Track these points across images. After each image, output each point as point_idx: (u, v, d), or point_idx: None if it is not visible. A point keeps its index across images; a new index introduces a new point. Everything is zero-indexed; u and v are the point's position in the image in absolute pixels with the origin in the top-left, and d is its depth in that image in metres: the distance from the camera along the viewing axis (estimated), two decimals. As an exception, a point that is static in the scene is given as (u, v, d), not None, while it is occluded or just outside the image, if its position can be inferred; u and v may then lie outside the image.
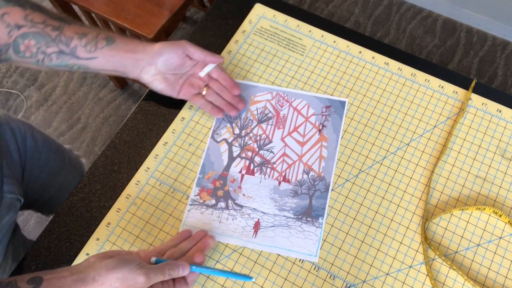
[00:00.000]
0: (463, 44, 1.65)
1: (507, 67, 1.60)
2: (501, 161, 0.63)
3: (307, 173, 0.63)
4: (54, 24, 0.57)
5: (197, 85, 0.66)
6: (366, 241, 0.59)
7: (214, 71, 0.66)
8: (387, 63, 0.70)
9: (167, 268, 0.50)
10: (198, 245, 0.56)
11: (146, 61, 0.61)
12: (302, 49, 0.72)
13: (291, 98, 0.68)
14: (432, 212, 0.60)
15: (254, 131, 0.66)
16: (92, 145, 1.54)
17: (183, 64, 0.63)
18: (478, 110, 0.66)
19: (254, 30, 0.74)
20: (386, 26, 1.70)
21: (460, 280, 0.56)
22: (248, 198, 0.62)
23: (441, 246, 0.58)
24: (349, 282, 0.56)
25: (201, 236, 0.58)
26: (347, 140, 0.65)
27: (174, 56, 0.62)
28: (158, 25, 1.18)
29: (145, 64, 0.61)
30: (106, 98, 1.61)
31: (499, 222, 0.59)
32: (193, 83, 0.66)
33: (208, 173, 0.63)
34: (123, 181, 0.64)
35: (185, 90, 0.65)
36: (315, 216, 0.60)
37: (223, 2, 0.78)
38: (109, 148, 0.66)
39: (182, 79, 0.65)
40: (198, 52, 0.63)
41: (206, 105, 0.66)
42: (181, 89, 0.65)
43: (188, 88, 0.65)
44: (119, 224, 0.60)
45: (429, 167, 0.63)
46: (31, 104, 1.61)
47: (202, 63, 0.65)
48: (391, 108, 0.67)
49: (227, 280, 0.57)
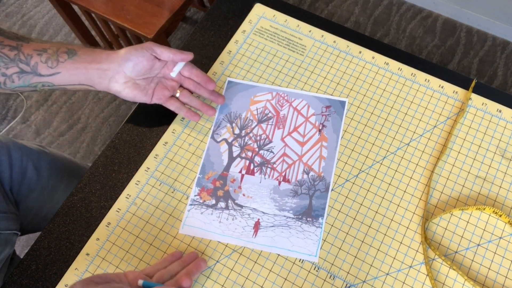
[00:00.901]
0: (463, 44, 1.65)
1: (507, 67, 1.60)
2: (501, 161, 0.63)
3: (307, 173, 0.63)
4: (12, 44, 0.56)
5: (170, 87, 0.63)
6: (366, 241, 0.59)
7: (185, 69, 0.63)
8: (387, 63, 0.70)
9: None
10: (188, 267, 0.54)
11: (113, 70, 0.58)
12: (302, 49, 0.72)
13: (291, 98, 0.68)
14: (432, 212, 0.60)
15: (254, 131, 0.66)
16: (92, 145, 1.54)
17: (152, 67, 0.61)
18: (478, 110, 0.66)
19: (254, 30, 0.74)
20: (386, 26, 1.70)
21: (460, 280, 0.56)
22: (248, 198, 0.62)
23: (441, 246, 0.58)
24: (349, 282, 0.56)
25: (192, 258, 0.56)
26: (347, 140, 0.65)
27: (142, 60, 0.59)
28: (158, 25, 1.18)
29: (112, 73, 0.58)
30: (106, 98, 1.61)
31: (499, 222, 0.59)
32: (166, 85, 0.63)
33: (208, 173, 0.63)
34: (123, 181, 0.64)
35: (158, 94, 0.62)
36: (315, 216, 0.60)
37: (223, 2, 0.78)
38: (109, 148, 0.66)
39: (153, 83, 0.62)
40: (165, 52, 0.60)
41: (180, 108, 0.64)
42: (154, 94, 0.62)
43: (161, 91, 0.63)
44: (119, 224, 0.60)
45: (429, 167, 0.63)
46: (31, 104, 1.61)
47: (172, 63, 0.63)
48: (391, 108, 0.67)
49: (227, 280, 0.57)
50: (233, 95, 0.69)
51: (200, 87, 0.64)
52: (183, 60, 0.62)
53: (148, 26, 1.18)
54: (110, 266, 0.58)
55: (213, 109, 0.65)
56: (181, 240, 0.59)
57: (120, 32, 1.30)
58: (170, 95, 0.64)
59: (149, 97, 0.62)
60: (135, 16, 1.19)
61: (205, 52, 0.73)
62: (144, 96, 0.62)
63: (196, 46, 0.74)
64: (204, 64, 0.72)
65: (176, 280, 0.51)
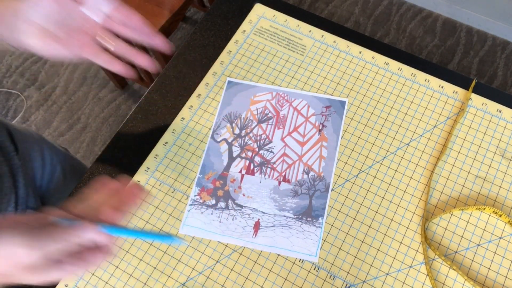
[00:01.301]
0: (463, 44, 1.65)
1: (507, 67, 1.60)
2: (501, 161, 0.63)
3: (307, 173, 0.63)
4: None
5: (90, 31, 0.47)
6: (366, 241, 0.59)
7: (113, 12, 0.48)
8: (387, 63, 0.70)
9: (62, 232, 0.36)
10: (119, 197, 0.42)
11: (11, 15, 0.44)
12: (302, 49, 0.72)
13: (291, 98, 0.68)
14: (432, 212, 0.60)
15: (254, 131, 0.66)
16: (92, 145, 1.54)
17: (69, 12, 0.46)
18: (478, 110, 0.66)
19: (254, 30, 0.74)
20: (386, 26, 1.70)
21: (460, 280, 0.56)
22: (248, 198, 0.62)
23: (441, 246, 0.58)
24: (349, 282, 0.56)
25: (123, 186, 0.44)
26: (347, 140, 0.65)
27: (51, 2, 0.45)
28: (158, 25, 1.18)
29: (19, 21, 0.44)
30: (106, 98, 1.61)
31: (499, 222, 0.59)
32: (90, 34, 0.47)
33: (208, 173, 0.63)
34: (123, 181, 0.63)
35: (80, 44, 0.47)
36: (315, 216, 0.60)
37: (223, 2, 0.78)
38: (109, 148, 0.66)
39: (76, 33, 0.47)
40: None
41: (111, 61, 0.47)
42: (75, 45, 0.47)
43: (83, 40, 0.47)
44: (119, 224, 0.60)
45: (429, 167, 0.63)
46: (31, 104, 1.61)
47: (95, 6, 0.47)
48: (391, 108, 0.67)
49: (227, 280, 0.57)
50: (233, 95, 0.69)
51: (137, 32, 0.48)
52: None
53: (148, 26, 1.18)
54: (110, 266, 0.58)
55: (147, 56, 0.48)
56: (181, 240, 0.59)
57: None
58: (93, 43, 0.48)
59: (70, 50, 0.47)
60: (135, 16, 1.19)
61: (205, 52, 0.73)
62: (63, 49, 0.46)
63: (196, 46, 0.74)
64: (204, 64, 0.72)
65: (96, 215, 0.40)
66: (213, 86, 0.70)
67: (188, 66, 0.72)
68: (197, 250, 0.58)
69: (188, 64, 0.72)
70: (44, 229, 0.36)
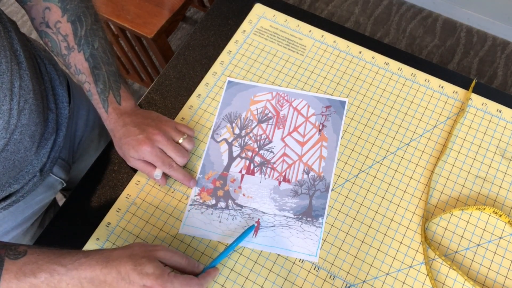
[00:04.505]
0: (463, 44, 1.65)
1: (507, 67, 1.60)
2: (501, 161, 0.63)
3: (307, 173, 0.63)
4: (69, 44, 0.59)
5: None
6: (366, 241, 0.59)
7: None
8: (387, 63, 0.70)
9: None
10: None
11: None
12: (302, 49, 0.72)
13: (291, 98, 0.68)
14: (432, 212, 0.60)
15: (254, 131, 0.66)
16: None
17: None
18: (478, 110, 0.66)
19: (254, 30, 0.74)
20: (386, 26, 1.70)
21: (460, 280, 0.56)
22: (248, 198, 0.62)
23: (441, 246, 0.58)
24: (349, 282, 0.56)
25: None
26: (347, 140, 0.65)
27: None
28: (158, 25, 1.18)
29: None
30: (106, 98, 1.61)
31: (499, 222, 0.59)
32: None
33: (208, 173, 0.63)
34: (123, 181, 0.64)
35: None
36: (315, 216, 0.60)
37: (223, 2, 0.78)
38: (109, 148, 0.66)
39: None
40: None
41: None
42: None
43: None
44: (119, 224, 0.60)
45: (429, 167, 0.63)
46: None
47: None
48: (391, 108, 0.67)
49: (227, 280, 0.57)
50: (233, 95, 0.69)
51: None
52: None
53: (148, 26, 1.18)
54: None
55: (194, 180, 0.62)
56: (181, 240, 0.59)
57: (120, 32, 1.30)
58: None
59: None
60: (135, 16, 1.19)
61: (205, 52, 0.73)
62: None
63: (196, 46, 0.74)
64: (204, 64, 0.72)
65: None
66: (213, 86, 0.70)
67: (188, 66, 0.72)
68: (197, 250, 0.58)
69: (188, 64, 0.72)
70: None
